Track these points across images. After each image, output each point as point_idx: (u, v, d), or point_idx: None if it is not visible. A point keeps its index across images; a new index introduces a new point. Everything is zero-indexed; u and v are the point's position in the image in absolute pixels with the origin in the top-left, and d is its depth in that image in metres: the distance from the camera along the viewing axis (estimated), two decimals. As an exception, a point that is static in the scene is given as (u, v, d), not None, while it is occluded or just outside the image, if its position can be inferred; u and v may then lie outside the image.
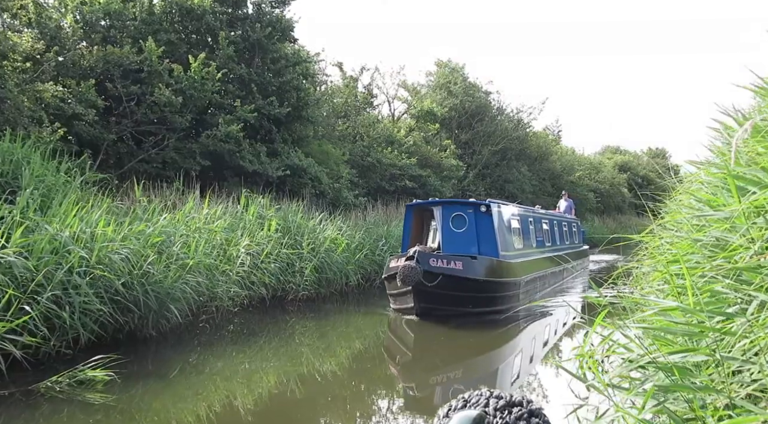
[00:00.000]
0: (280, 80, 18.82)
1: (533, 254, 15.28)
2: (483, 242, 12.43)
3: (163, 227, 9.67)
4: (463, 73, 35.65)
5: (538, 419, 1.05)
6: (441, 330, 11.13)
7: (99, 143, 15.25)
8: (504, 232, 12.99)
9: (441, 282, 11.03)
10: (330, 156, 21.83)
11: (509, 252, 13.04)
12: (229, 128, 16.46)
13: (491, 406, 1.06)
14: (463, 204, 12.99)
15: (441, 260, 11.26)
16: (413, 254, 11.08)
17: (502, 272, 12.31)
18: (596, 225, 42.77)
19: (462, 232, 12.58)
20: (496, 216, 12.67)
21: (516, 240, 13.91)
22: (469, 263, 11.59)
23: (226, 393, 7.15)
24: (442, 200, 13.76)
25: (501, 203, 13.64)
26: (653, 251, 5.38)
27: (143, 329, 8.71)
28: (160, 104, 15.89)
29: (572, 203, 26.48)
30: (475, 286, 11.48)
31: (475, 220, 12.51)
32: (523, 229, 14.73)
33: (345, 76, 29.60)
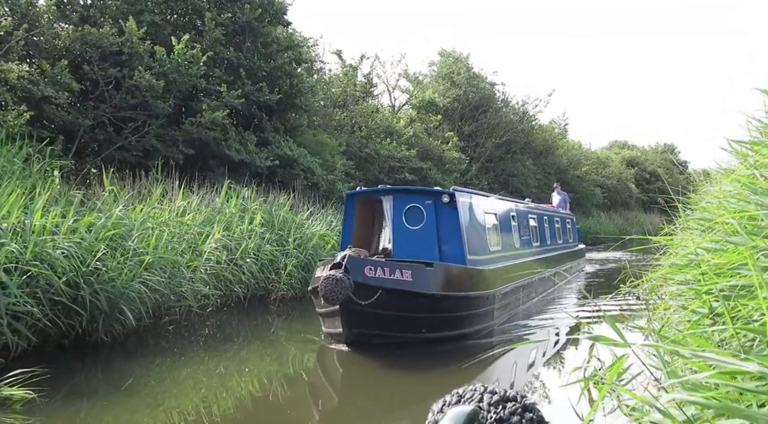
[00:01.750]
0: (271, 65, 17.84)
1: (516, 257, 12.48)
2: (446, 243, 9.67)
3: (118, 219, 8.70)
4: (467, 63, 34.61)
5: (532, 414, 1.04)
6: (383, 363, 8.11)
7: (74, 129, 14.31)
8: (474, 229, 10.28)
9: (381, 299, 8.08)
10: (325, 146, 20.86)
11: (481, 255, 10.33)
12: (213, 115, 15.48)
13: (485, 401, 1.05)
14: (419, 193, 10.19)
15: (381, 269, 8.21)
16: (341, 260, 8.02)
17: (469, 282, 9.45)
18: (603, 221, 41.73)
19: (418, 229, 9.75)
20: (464, 209, 9.92)
21: (492, 240, 11.16)
22: (422, 272, 8.56)
23: (187, 407, 6.22)
24: (392, 188, 10.70)
25: (472, 193, 11.04)
26: (680, 256, 4.38)
27: (93, 334, 7.77)
28: (141, 88, 14.92)
29: (567, 196, 23.54)
30: (431, 303, 8.55)
31: (436, 214, 9.71)
32: (502, 226, 11.98)
33: (344, 64, 28.61)
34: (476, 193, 11.50)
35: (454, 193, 9.72)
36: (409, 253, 9.57)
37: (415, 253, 9.53)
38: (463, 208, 9.85)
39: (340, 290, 7.78)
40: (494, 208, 11.79)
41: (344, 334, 8.39)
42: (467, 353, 8.21)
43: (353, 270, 8.03)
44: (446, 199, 9.65)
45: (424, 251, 9.57)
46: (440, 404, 1.08)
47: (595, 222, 39.85)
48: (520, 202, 15.20)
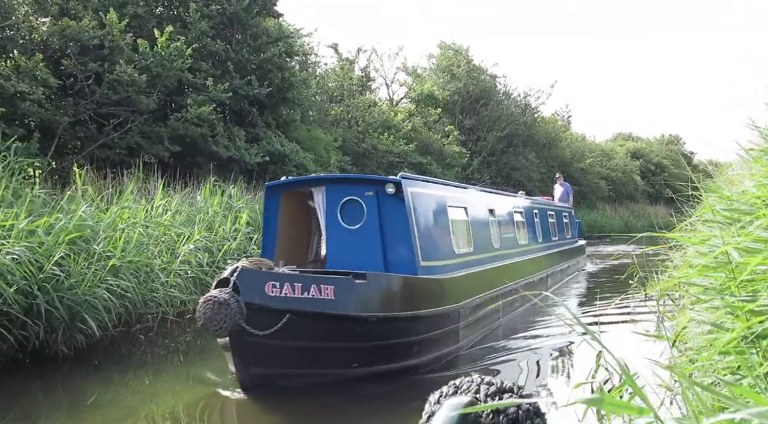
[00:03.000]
0: (261, 58, 17.17)
1: (494, 260, 10.43)
2: (392, 247, 7.64)
3: (82, 220, 8.05)
4: (466, 56, 33.87)
5: (529, 404, 1.04)
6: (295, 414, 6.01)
7: (53, 126, 13.67)
8: (432, 228, 8.24)
9: (289, 326, 6.05)
10: (319, 142, 20.20)
11: (441, 260, 8.22)
12: (199, 110, 14.83)
13: (482, 392, 1.06)
14: (358, 182, 8.09)
15: (289, 286, 6.16)
16: (229, 274, 5.97)
17: (421, 297, 7.37)
18: (608, 214, 40.99)
19: (357, 230, 7.72)
20: (416, 202, 7.87)
21: (460, 240, 9.09)
22: (349, 287, 6.52)
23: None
24: (323, 176, 8.74)
25: (430, 182, 9.05)
26: (702, 255, 3.69)
27: (52, 346, 7.13)
28: (123, 83, 14.27)
29: (569, 188, 21.45)
30: (363, 329, 6.55)
31: (379, 209, 7.70)
32: (474, 222, 9.87)
33: (341, 58, 27.95)
34: (436, 181, 9.52)
35: (400, 181, 7.63)
36: (346, 260, 7.54)
37: (354, 260, 7.49)
38: (414, 200, 7.83)
39: (224, 318, 5.69)
40: (463, 202, 9.69)
41: (239, 375, 6.26)
42: (418, 388, 6.46)
43: (247, 288, 5.91)
44: (391, 189, 7.59)
45: (365, 257, 7.57)
46: (437, 396, 1.08)
47: (600, 215, 39.11)
48: (504, 194, 13.31)
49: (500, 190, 16.31)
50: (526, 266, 12.33)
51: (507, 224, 11.91)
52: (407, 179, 7.99)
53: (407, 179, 7.99)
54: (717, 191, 3.98)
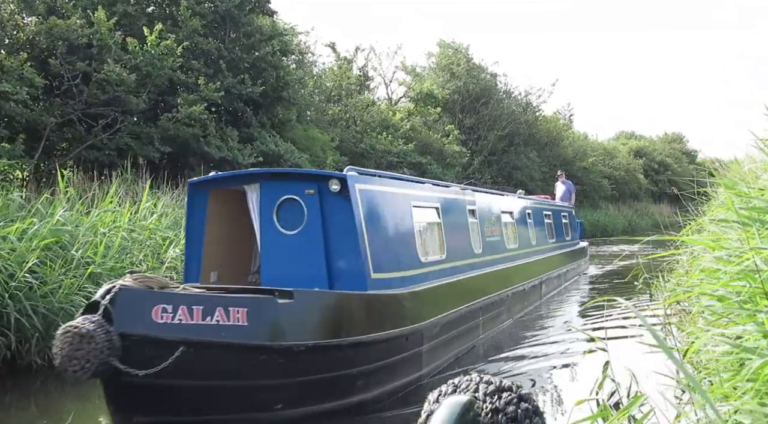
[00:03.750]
0: (254, 56, 16.81)
1: (473, 268, 9.15)
2: (337, 256, 6.47)
3: (59, 224, 7.67)
4: (466, 54, 33.48)
5: (528, 403, 1.04)
6: None
7: (39, 127, 13.31)
8: (388, 232, 7.03)
9: (183, 362, 4.78)
10: (316, 142, 19.85)
11: (401, 271, 6.99)
12: (190, 109, 14.45)
13: (481, 391, 1.05)
14: (297, 178, 6.88)
15: (185, 310, 4.89)
16: (101, 297, 4.73)
17: (369, 318, 6.18)
18: (611, 213, 40.56)
19: (296, 235, 6.55)
20: (366, 201, 6.64)
21: (428, 246, 7.85)
22: (267, 310, 5.23)
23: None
24: (256, 171, 7.43)
25: (389, 177, 7.92)
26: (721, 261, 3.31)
27: (25, 357, 6.77)
28: (112, 83, 13.91)
29: (572, 186, 20.33)
30: (288, 362, 5.26)
31: (321, 210, 6.51)
32: (449, 225, 8.57)
33: (339, 57, 27.59)
34: (398, 177, 8.38)
35: (345, 177, 6.39)
36: (283, 273, 6.35)
37: (292, 273, 6.31)
38: (364, 199, 6.58)
39: (86, 356, 4.43)
40: (434, 201, 8.40)
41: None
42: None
43: (124, 315, 4.68)
44: (335, 186, 6.36)
45: (306, 269, 6.36)
46: (436, 394, 1.09)
47: (603, 214, 38.68)
48: (489, 192, 12.09)
49: (498, 189, 15.78)
50: (514, 273, 11.13)
51: (492, 226, 10.62)
52: (356, 174, 6.82)
53: (356, 174, 6.82)
54: (732, 188, 3.59)
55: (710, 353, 3.58)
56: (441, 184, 9.85)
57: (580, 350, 8.20)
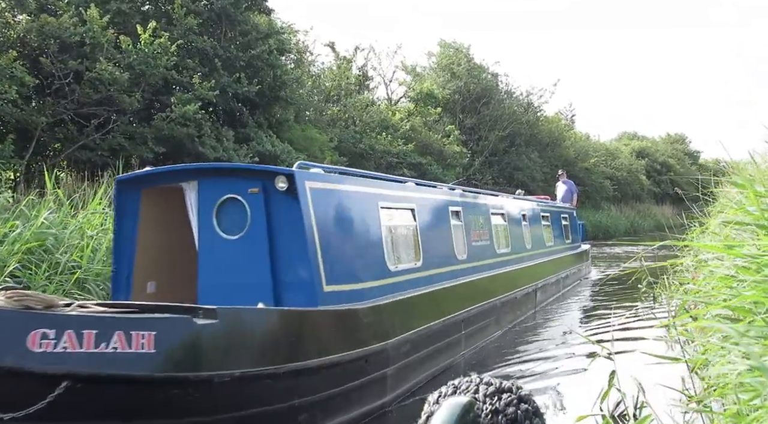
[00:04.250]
0: (250, 55, 16.54)
1: (454, 276, 8.24)
2: (284, 266, 5.62)
3: (43, 227, 7.41)
4: (467, 54, 33.20)
5: (528, 404, 1.04)
6: None
7: (30, 127, 13.07)
8: (344, 238, 6.16)
9: (67, 400, 3.84)
10: (314, 142, 19.58)
11: (360, 283, 6.13)
12: (184, 109, 14.20)
13: (481, 392, 1.05)
14: (240, 174, 6.09)
15: (71, 335, 3.95)
16: None
17: (317, 339, 5.31)
18: (613, 214, 40.26)
19: (239, 241, 5.72)
20: (318, 202, 5.74)
21: (397, 253, 6.92)
22: (182, 333, 4.31)
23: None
24: (195, 167, 6.53)
25: (346, 173, 7.12)
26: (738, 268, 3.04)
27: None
28: (105, 82, 13.67)
29: (573, 186, 19.49)
30: (203, 397, 4.35)
31: (267, 212, 5.67)
32: (424, 228, 7.63)
33: (338, 56, 27.34)
34: (360, 173, 7.55)
35: (293, 174, 5.50)
36: (223, 285, 5.52)
37: (232, 284, 5.48)
38: (317, 200, 5.66)
39: None
40: (408, 202, 7.46)
41: None
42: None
43: None
44: (282, 184, 5.47)
45: (248, 280, 5.51)
46: (436, 396, 1.08)
47: (605, 215, 38.38)
48: (477, 192, 11.18)
49: (499, 190, 15.41)
50: (505, 280, 10.29)
51: (480, 229, 9.75)
52: (306, 170, 5.90)
53: (306, 170, 5.90)
54: (746, 187, 3.31)
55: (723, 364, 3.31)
56: (425, 183, 9.10)
57: (574, 362, 7.77)
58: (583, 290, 15.61)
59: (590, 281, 17.20)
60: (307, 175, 5.79)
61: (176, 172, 6.27)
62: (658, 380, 4.88)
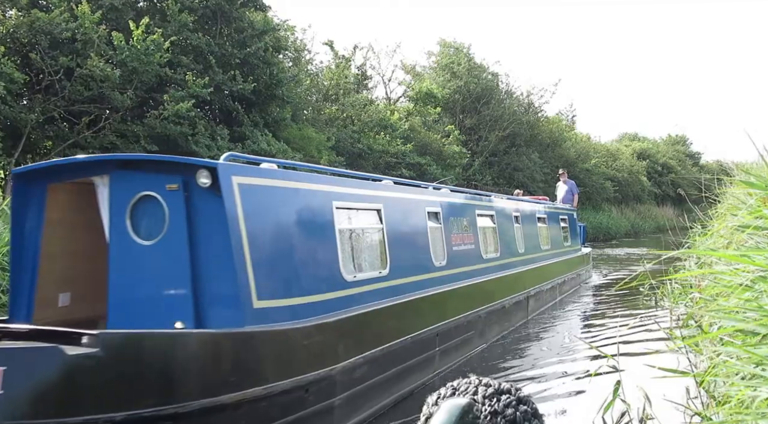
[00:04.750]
0: (245, 52, 16.27)
1: (429, 285, 7.32)
2: (208, 278, 4.69)
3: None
4: (468, 54, 32.91)
5: (527, 406, 1.04)
6: None
7: (20, 125, 12.80)
8: (285, 244, 5.23)
9: None
10: (311, 141, 19.29)
11: (306, 296, 5.19)
12: (177, 106, 13.93)
13: (480, 394, 1.05)
14: (157, 167, 4.96)
15: None
16: None
17: (242, 367, 4.36)
18: (614, 216, 39.98)
19: (155, 246, 4.79)
20: (249, 201, 4.84)
21: (356, 260, 6.09)
22: (44, 367, 3.54)
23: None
24: (105, 158, 5.37)
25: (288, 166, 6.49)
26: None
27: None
28: (96, 79, 13.41)
29: (574, 186, 18.77)
30: None
31: (188, 212, 4.75)
32: (393, 232, 6.74)
33: (337, 55, 27.04)
34: (316, 168, 6.67)
35: (216, 167, 4.60)
36: (136, 299, 4.71)
37: (147, 299, 4.68)
38: (247, 198, 4.77)
39: None
40: (371, 201, 6.57)
41: None
42: None
43: None
44: (205, 179, 4.59)
45: (165, 294, 4.65)
46: (435, 397, 1.07)
47: (606, 217, 38.09)
48: (463, 192, 10.11)
49: (499, 191, 15.06)
50: (491, 288, 9.40)
51: (464, 233, 8.83)
52: (235, 163, 4.96)
53: (235, 163, 4.96)
54: (762, 187, 3.03)
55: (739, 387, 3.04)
56: (403, 182, 8.24)
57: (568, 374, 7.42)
58: (583, 296, 14.88)
59: (590, 286, 16.50)
60: (235, 168, 4.83)
61: (85, 164, 5.13)
62: (663, 390, 4.61)
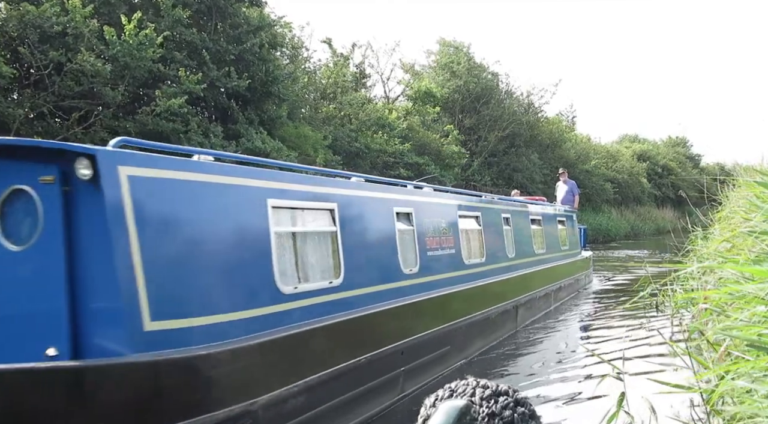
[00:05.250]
0: (240, 48, 15.98)
1: (395, 295, 6.47)
2: (89, 292, 3.68)
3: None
4: (467, 53, 32.63)
5: (524, 408, 1.03)
6: None
7: (8, 120, 12.51)
8: (191, 249, 4.26)
9: None
10: (307, 140, 19.01)
11: (225, 314, 4.29)
12: (169, 102, 13.65)
13: (478, 395, 1.04)
14: (26, 155, 3.87)
15: None
16: None
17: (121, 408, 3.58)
18: (614, 217, 39.72)
19: (26, 252, 3.80)
20: (142, 197, 3.92)
21: (300, 267, 5.30)
22: None
23: None
24: None
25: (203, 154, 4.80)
26: None
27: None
28: (87, 74, 13.13)
29: (575, 187, 17.99)
30: None
31: (65, 211, 3.76)
32: (349, 235, 6.00)
33: (335, 53, 26.77)
34: (246, 159, 5.58)
35: (95, 155, 3.71)
36: (3, 320, 3.84)
37: (16, 318, 3.80)
38: (140, 194, 3.92)
39: None
40: (323, 200, 5.73)
41: None
42: None
43: None
44: (86, 170, 3.69)
45: (37, 313, 3.76)
46: (432, 399, 1.06)
47: (605, 218, 37.82)
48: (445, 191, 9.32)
49: (497, 192, 14.66)
50: (473, 297, 8.43)
51: (441, 236, 7.84)
52: (124, 150, 4.02)
53: (124, 150, 4.02)
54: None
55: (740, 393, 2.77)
56: (374, 179, 7.51)
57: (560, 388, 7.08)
58: (581, 302, 13.87)
59: (589, 292, 15.55)
60: (122, 156, 3.88)
61: None
62: (668, 403, 4.34)
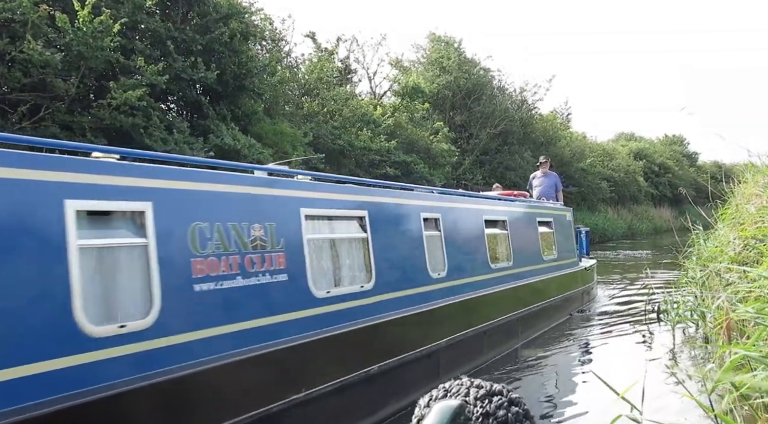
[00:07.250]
0: (208, 38, 14.86)
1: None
2: None
3: None
4: (458, 48, 31.54)
5: (518, 407, 1.03)
6: None
7: (-54, 115, 11.42)
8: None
9: None
10: (284, 137, 17.90)
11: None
12: (125, 95, 12.53)
13: (472, 395, 1.03)
14: None
15: None
16: None
17: None
18: (610, 217, 38.68)
19: None
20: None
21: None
22: None
23: None
24: None
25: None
26: None
27: None
28: (36, 64, 12.00)
29: (557, 179, 14.10)
30: None
31: None
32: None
33: (319, 47, 25.65)
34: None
35: None
36: None
37: None
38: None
39: None
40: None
41: None
42: None
43: None
44: None
45: None
46: (426, 399, 1.06)
47: (602, 218, 36.78)
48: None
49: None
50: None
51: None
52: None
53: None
54: None
55: None
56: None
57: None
58: (575, 329, 10.78)
59: (588, 315, 12.17)
60: None
61: None
62: None
